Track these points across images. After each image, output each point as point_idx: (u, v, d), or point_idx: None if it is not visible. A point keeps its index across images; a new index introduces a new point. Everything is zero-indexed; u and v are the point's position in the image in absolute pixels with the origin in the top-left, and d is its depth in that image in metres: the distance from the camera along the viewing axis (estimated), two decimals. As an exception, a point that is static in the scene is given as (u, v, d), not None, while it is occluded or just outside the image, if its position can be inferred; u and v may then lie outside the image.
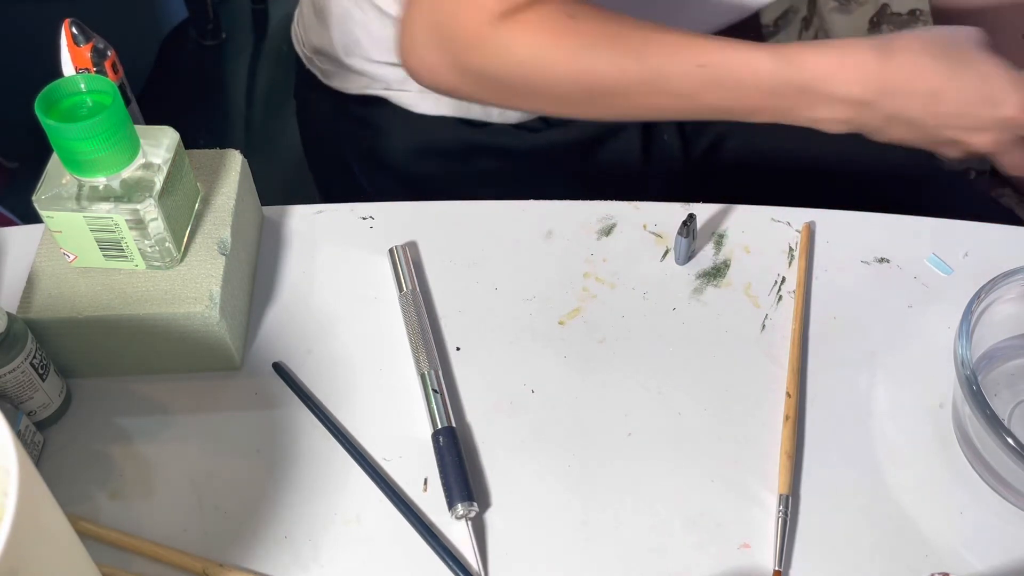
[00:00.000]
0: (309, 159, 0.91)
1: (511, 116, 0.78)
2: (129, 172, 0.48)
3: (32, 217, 0.51)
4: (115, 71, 0.55)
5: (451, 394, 0.53)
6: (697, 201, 0.63)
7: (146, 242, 0.50)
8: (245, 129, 1.23)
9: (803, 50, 0.56)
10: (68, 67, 0.54)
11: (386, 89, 0.77)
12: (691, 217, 0.57)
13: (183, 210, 0.52)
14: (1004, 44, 0.78)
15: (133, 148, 0.48)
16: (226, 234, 0.54)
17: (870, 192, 0.76)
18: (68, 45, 0.54)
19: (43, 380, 0.49)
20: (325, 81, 0.80)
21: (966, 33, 0.57)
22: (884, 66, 0.55)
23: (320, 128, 0.85)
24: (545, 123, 0.81)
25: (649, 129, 0.83)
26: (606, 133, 0.81)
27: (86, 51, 0.54)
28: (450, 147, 0.78)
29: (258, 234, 0.61)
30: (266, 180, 0.64)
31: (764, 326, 0.57)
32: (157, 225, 0.49)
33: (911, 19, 1.25)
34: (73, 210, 0.48)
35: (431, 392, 0.52)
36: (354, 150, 0.82)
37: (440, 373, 0.53)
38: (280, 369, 0.54)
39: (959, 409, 0.51)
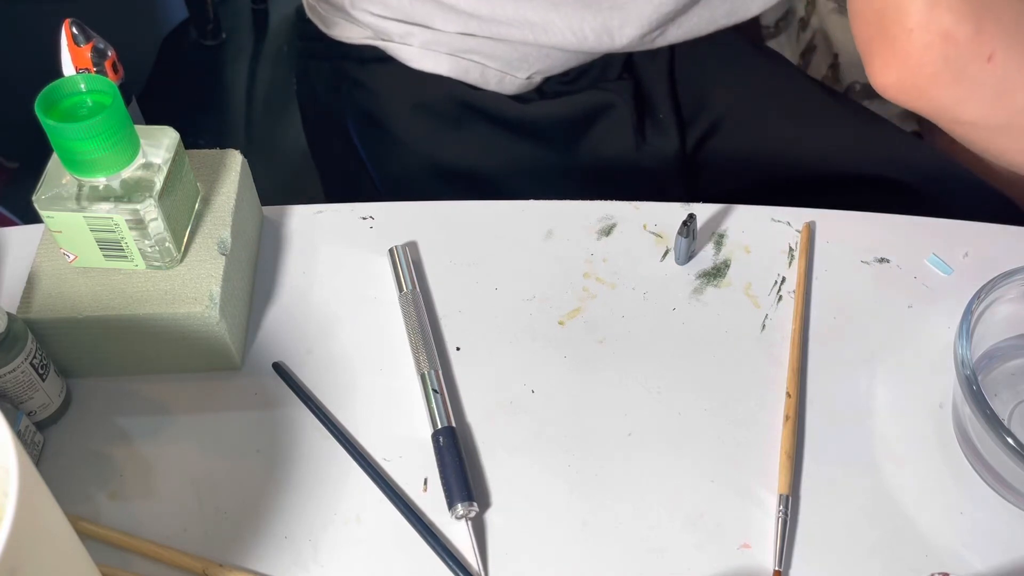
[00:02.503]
0: (307, 131, 0.91)
1: (508, 86, 0.78)
2: (129, 172, 0.48)
3: (32, 217, 0.51)
4: (115, 71, 0.55)
5: (451, 394, 0.53)
6: (697, 201, 0.63)
7: (146, 242, 0.50)
8: (245, 129, 1.23)
9: None
10: (68, 67, 0.54)
11: (386, 41, 0.77)
12: (691, 217, 0.57)
13: (183, 210, 0.52)
14: None
15: (133, 148, 0.48)
16: (226, 234, 0.54)
17: (870, 192, 0.76)
18: (68, 45, 0.54)
19: (43, 380, 0.49)
20: (325, 30, 0.81)
21: None
22: None
23: (318, 94, 0.86)
24: (539, 94, 0.81)
25: (642, 110, 0.83)
26: (599, 110, 0.81)
27: (86, 51, 0.54)
28: (443, 107, 0.78)
29: (258, 234, 0.61)
30: (266, 180, 0.64)
31: (764, 326, 0.57)
32: (157, 225, 0.49)
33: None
34: (73, 210, 0.48)
35: (431, 392, 0.52)
36: (350, 111, 0.83)
37: (440, 373, 0.53)
38: (280, 369, 0.54)
39: (959, 409, 0.51)
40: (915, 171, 0.76)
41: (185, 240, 0.53)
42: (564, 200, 0.63)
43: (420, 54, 0.76)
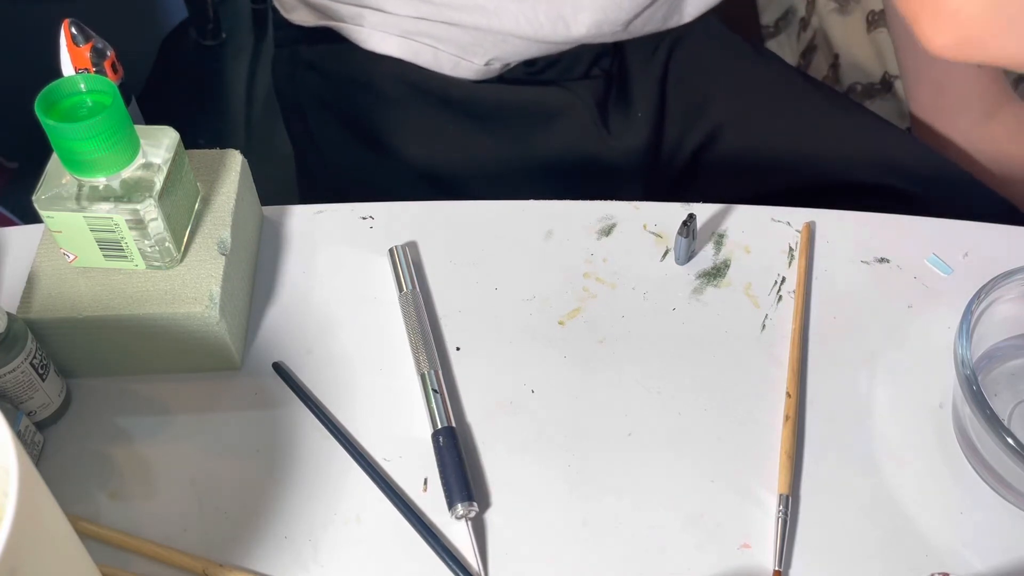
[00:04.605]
0: (286, 124, 0.91)
1: (464, 71, 0.78)
2: (129, 172, 0.48)
3: (32, 217, 0.51)
4: (115, 71, 0.55)
5: (451, 394, 0.53)
6: (696, 201, 0.63)
7: (146, 242, 0.50)
8: (245, 129, 1.23)
9: None
10: (68, 67, 0.54)
11: (338, 22, 0.78)
12: (691, 217, 0.57)
13: (183, 210, 0.52)
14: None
15: (133, 148, 0.48)
16: (226, 234, 0.54)
17: (870, 192, 0.76)
18: (68, 45, 0.54)
19: (43, 380, 0.49)
20: (285, 15, 0.82)
21: None
22: None
23: (283, 84, 0.87)
24: (502, 82, 0.80)
25: (607, 107, 0.82)
26: (557, 108, 0.79)
27: (86, 51, 0.54)
28: (393, 89, 0.78)
29: (258, 234, 0.61)
30: (266, 180, 0.64)
31: (764, 326, 0.57)
32: (157, 225, 0.49)
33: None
34: (73, 210, 0.48)
35: (431, 392, 0.52)
36: (304, 95, 0.83)
37: (440, 373, 0.53)
38: (280, 369, 0.54)
39: (959, 409, 0.51)
40: (915, 171, 0.76)
41: (185, 240, 0.53)
42: (564, 200, 0.63)
43: (369, 34, 0.77)
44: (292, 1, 0.81)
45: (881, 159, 0.77)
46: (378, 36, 0.76)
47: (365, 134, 0.80)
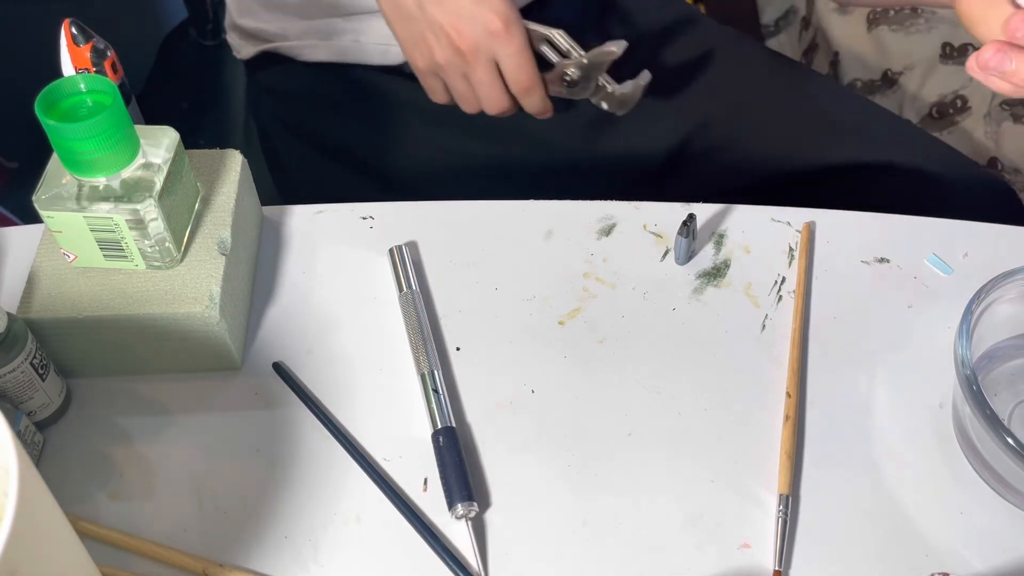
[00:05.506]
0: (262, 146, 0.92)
1: (393, 58, 0.75)
2: (129, 172, 0.48)
3: (32, 217, 0.51)
4: (115, 71, 0.55)
5: (451, 394, 0.53)
6: (697, 201, 0.63)
7: (146, 242, 0.50)
8: (245, 129, 1.23)
9: None
10: (68, 67, 0.54)
11: (274, 43, 0.78)
12: (691, 217, 0.57)
13: (183, 210, 0.52)
14: None
15: (133, 148, 0.48)
16: (226, 234, 0.54)
17: (870, 192, 0.76)
18: (68, 45, 0.54)
19: (43, 380, 0.49)
20: (237, 56, 0.83)
21: None
22: None
23: (253, 112, 0.88)
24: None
25: (574, 105, 0.80)
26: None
27: (86, 51, 0.54)
28: (337, 94, 0.78)
29: (258, 234, 0.61)
30: (266, 180, 0.64)
31: (764, 326, 0.57)
32: (157, 225, 0.49)
33: (911, 16, 1.25)
34: (73, 210, 0.48)
35: (431, 392, 0.52)
36: (269, 120, 0.84)
37: (440, 373, 0.53)
38: (280, 369, 0.54)
39: (959, 409, 0.51)
40: (915, 171, 0.76)
41: (185, 240, 0.53)
42: (564, 200, 0.63)
43: (299, 47, 0.77)
44: (240, 41, 0.82)
45: (881, 149, 0.76)
46: (307, 47, 0.77)
47: (323, 147, 0.81)
